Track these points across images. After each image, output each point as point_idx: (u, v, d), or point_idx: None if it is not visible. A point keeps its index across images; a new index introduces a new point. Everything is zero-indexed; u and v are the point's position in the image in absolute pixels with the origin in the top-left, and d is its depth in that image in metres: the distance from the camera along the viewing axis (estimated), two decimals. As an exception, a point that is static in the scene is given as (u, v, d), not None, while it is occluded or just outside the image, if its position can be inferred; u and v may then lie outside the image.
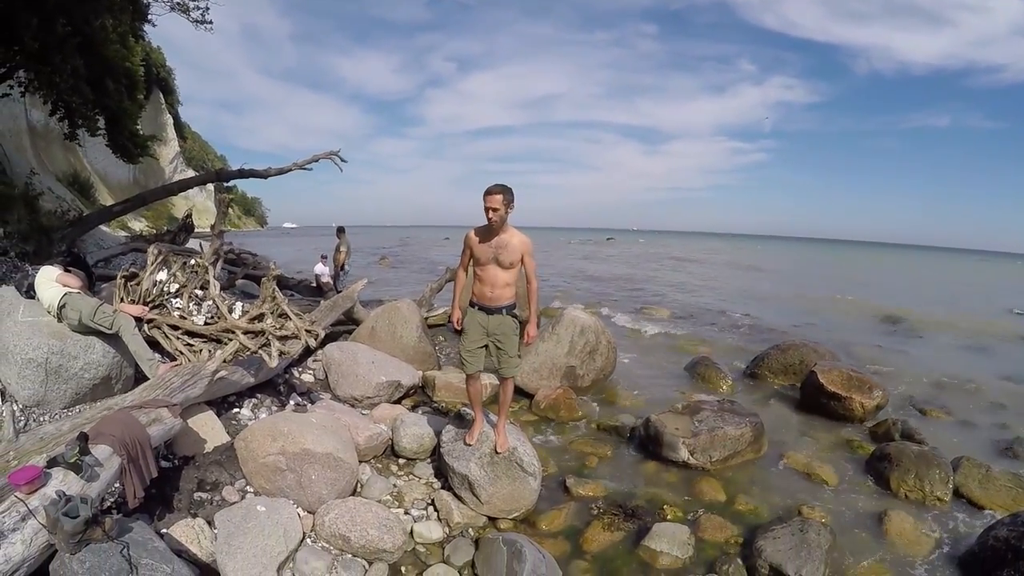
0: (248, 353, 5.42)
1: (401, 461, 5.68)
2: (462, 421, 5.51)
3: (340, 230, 14.13)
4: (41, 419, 4.69)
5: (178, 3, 13.82)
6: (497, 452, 4.92)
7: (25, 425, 4.55)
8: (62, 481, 3.08)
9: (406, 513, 4.82)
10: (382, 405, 6.53)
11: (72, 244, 9.60)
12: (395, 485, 5.23)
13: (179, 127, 56.46)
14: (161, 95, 48.95)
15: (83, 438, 3.32)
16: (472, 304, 4.82)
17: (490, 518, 4.85)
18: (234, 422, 5.51)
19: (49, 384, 4.79)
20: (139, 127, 15.01)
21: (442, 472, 5.26)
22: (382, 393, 6.73)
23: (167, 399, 4.39)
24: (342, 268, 13.89)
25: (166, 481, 4.29)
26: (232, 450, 4.90)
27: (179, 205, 42.29)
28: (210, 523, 4.04)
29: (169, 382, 4.71)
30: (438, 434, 5.63)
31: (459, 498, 4.94)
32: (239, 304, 6.08)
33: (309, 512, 4.53)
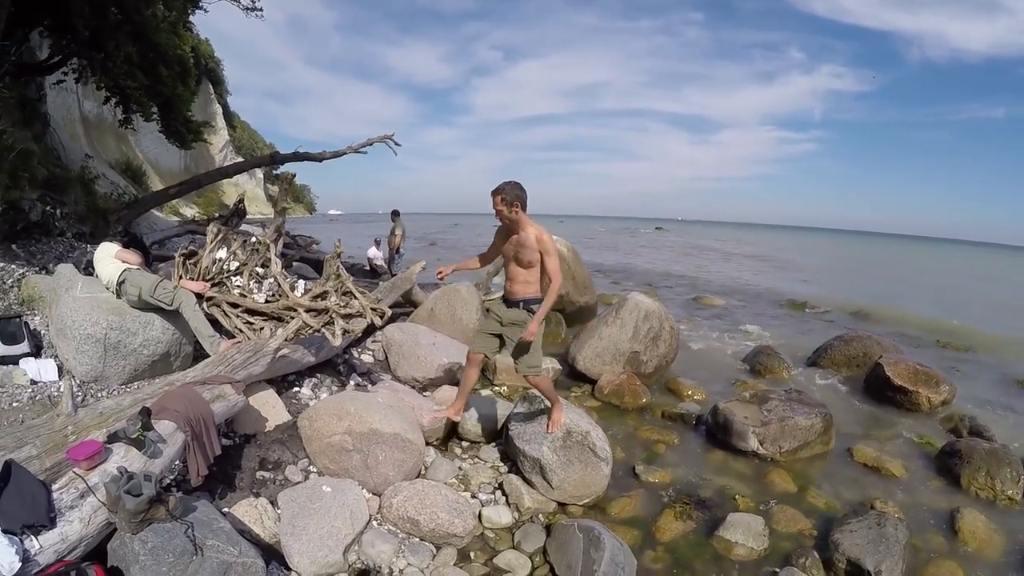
0: (310, 331, 5.24)
1: (465, 444, 5.51)
2: (531, 404, 5.28)
3: (395, 213, 14.03)
4: (99, 395, 4.60)
5: None
6: (548, 431, 4.79)
7: (83, 401, 4.45)
8: (123, 457, 2.92)
9: (473, 497, 4.63)
10: (444, 387, 6.33)
11: (128, 225, 9.63)
12: (460, 468, 5.04)
13: (228, 116, 57.33)
14: (210, 86, 49.66)
15: (146, 413, 3.15)
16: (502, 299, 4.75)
17: (560, 504, 4.67)
18: (294, 401, 5.35)
19: (107, 360, 4.71)
20: (192, 114, 15.07)
21: (509, 456, 5.10)
22: (443, 375, 6.54)
23: (230, 376, 4.23)
24: (397, 251, 13.80)
25: (227, 459, 4.13)
26: (294, 429, 4.74)
27: (229, 192, 42.86)
28: (273, 503, 3.89)
29: (231, 359, 4.56)
30: (503, 417, 5.50)
31: (529, 483, 4.73)
32: (301, 282, 5.91)
33: (375, 494, 4.33)
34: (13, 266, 6.11)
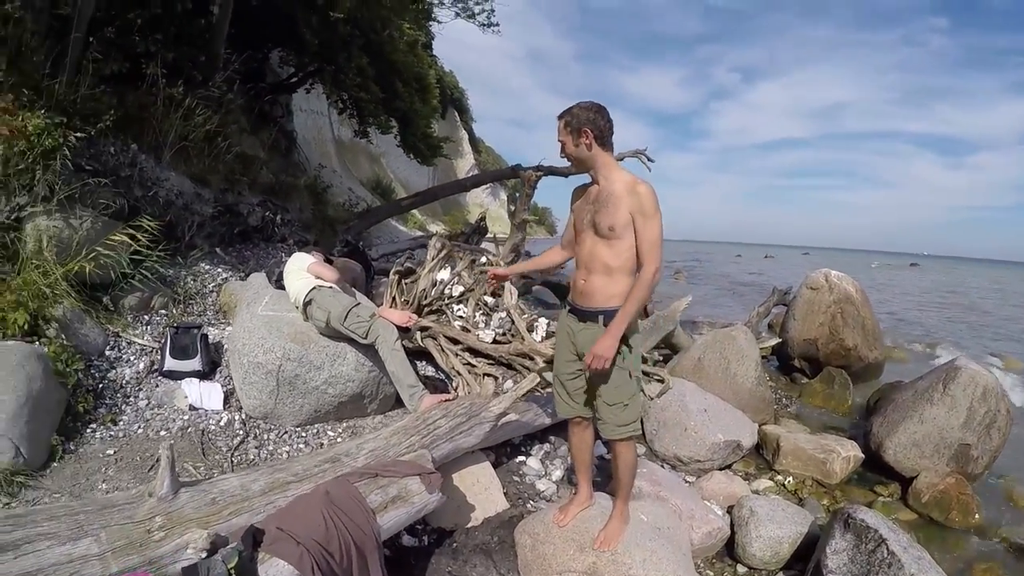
0: (547, 389, 3.70)
1: (741, 570, 3.70)
2: (858, 537, 3.22)
3: None
4: (267, 436, 3.69)
5: (462, 7, 13.98)
6: (594, 547, 2.80)
7: (243, 441, 3.56)
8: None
9: None
10: (714, 474, 4.54)
11: (358, 236, 9.11)
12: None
13: (473, 142, 59.60)
14: (456, 113, 51.94)
15: (252, 540, 1.78)
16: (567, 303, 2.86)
17: None
18: (515, 477, 3.89)
19: (280, 396, 3.72)
20: (433, 129, 14.86)
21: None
22: (716, 456, 4.75)
23: (423, 464, 2.78)
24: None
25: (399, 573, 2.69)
26: (509, 528, 3.26)
27: (475, 213, 44.04)
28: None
29: (433, 424, 3.17)
30: (797, 534, 3.69)
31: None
32: (543, 320, 4.37)
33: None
34: (219, 270, 5.58)
